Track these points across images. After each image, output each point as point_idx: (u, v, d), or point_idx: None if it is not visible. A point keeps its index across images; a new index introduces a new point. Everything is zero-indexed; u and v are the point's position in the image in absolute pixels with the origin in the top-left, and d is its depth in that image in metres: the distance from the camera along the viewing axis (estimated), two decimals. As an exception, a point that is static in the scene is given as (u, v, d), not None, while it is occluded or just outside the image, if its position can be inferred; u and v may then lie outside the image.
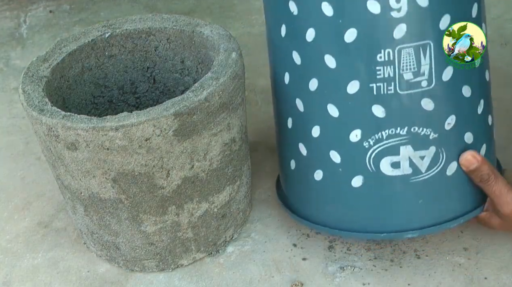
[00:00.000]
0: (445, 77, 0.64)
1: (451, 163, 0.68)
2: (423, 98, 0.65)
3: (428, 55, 0.63)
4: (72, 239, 0.85)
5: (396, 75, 0.63)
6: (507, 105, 0.98)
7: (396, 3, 0.61)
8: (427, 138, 0.66)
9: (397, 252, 0.78)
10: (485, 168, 0.68)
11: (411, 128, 0.66)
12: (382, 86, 0.64)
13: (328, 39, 0.65)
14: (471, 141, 0.68)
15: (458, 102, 0.66)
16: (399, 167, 0.67)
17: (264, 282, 0.76)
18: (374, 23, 0.62)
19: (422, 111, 0.65)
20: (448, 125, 0.66)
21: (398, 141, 0.66)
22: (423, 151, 0.67)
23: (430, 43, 0.63)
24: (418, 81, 0.64)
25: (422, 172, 0.67)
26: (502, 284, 0.72)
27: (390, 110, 0.65)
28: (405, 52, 0.63)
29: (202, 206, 0.75)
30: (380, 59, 0.63)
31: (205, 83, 0.69)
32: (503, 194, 0.68)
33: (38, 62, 0.77)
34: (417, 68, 0.63)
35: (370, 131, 0.66)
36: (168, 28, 0.82)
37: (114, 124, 0.64)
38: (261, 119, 1.03)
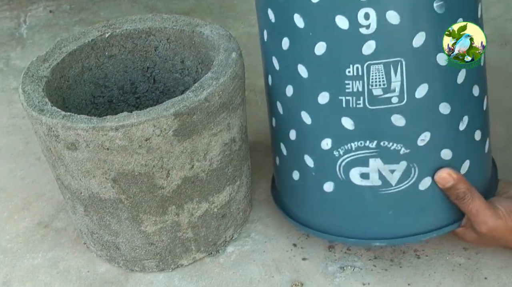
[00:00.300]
0: (418, 94, 0.64)
1: (424, 179, 0.68)
2: (394, 114, 0.64)
3: (400, 72, 0.62)
4: (72, 239, 0.85)
5: (365, 90, 0.63)
6: (507, 105, 0.98)
7: (365, 19, 0.60)
8: (398, 153, 0.66)
9: (397, 252, 0.78)
10: (461, 186, 0.67)
11: (381, 142, 0.66)
12: (351, 99, 0.64)
13: (300, 49, 0.65)
14: (449, 158, 0.67)
15: (434, 119, 0.65)
16: (368, 178, 0.68)
17: (264, 282, 0.76)
18: (342, 38, 0.62)
19: (392, 127, 0.65)
20: (421, 141, 0.66)
21: (367, 154, 0.66)
22: (393, 165, 0.67)
23: (401, 60, 0.62)
24: (388, 97, 0.63)
25: (392, 185, 0.68)
26: (502, 284, 0.72)
27: (359, 123, 0.65)
28: (374, 68, 0.62)
29: (202, 206, 0.75)
30: (348, 74, 0.63)
31: (205, 83, 0.69)
32: (480, 213, 0.68)
33: (38, 62, 0.77)
34: (387, 84, 0.63)
35: (339, 141, 0.67)
36: (168, 28, 0.82)
37: (114, 124, 0.64)
38: (261, 119, 1.03)
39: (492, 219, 0.67)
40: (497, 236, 0.68)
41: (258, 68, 1.02)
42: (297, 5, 0.63)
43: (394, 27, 0.61)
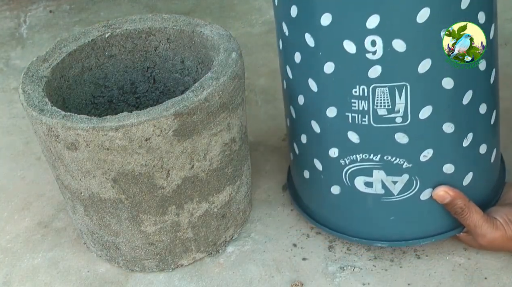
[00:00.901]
0: (422, 116, 0.66)
1: (425, 190, 0.70)
2: (397, 133, 0.67)
3: (404, 95, 0.64)
4: (72, 239, 0.85)
5: (370, 110, 0.66)
6: (507, 105, 0.97)
7: (371, 46, 0.62)
8: (400, 167, 0.69)
9: (397, 252, 0.78)
10: (458, 202, 0.70)
11: (384, 156, 0.68)
12: (357, 116, 0.67)
13: (310, 65, 0.68)
14: (451, 171, 0.70)
15: (437, 138, 0.67)
16: (372, 187, 0.71)
17: (264, 282, 0.76)
18: (349, 61, 0.64)
19: (395, 143, 0.67)
20: (424, 157, 0.68)
21: (371, 165, 0.70)
22: (395, 177, 0.70)
23: (406, 84, 0.64)
24: (392, 117, 0.66)
25: (394, 194, 0.71)
26: (502, 284, 0.72)
27: (364, 138, 0.68)
28: (379, 90, 0.65)
29: (202, 206, 0.75)
30: (355, 93, 0.65)
31: (205, 83, 0.69)
32: (478, 227, 0.70)
33: (38, 62, 0.77)
34: (392, 105, 0.65)
35: (345, 152, 0.70)
36: (168, 28, 0.82)
37: (114, 124, 0.64)
38: (261, 119, 1.03)
39: (490, 231, 0.70)
40: (497, 246, 0.71)
41: (258, 68, 1.02)
42: (307, 26, 0.65)
43: (400, 54, 0.62)
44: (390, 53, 0.62)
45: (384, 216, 0.73)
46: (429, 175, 0.70)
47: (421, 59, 0.63)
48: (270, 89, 1.09)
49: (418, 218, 0.73)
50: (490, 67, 0.69)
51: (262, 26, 1.32)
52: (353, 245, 0.79)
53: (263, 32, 1.29)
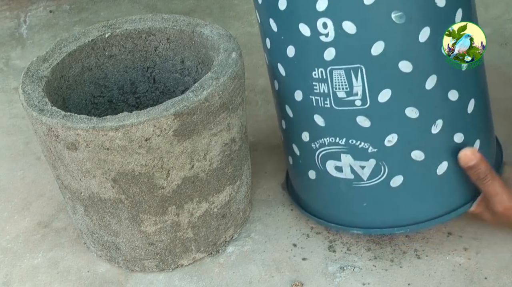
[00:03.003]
0: (381, 99, 0.66)
1: (395, 176, 0.70)
2: (358, 116, 0.67)
3: (360, 77, 0.65)
4: (72, 239, 0.85)
5: (330, 92, 0.67)
6: (507, 105, 0.98)
7: (323, 28, 0.64)
8: (366, 151, 0.69)
9: (397, 252, 0.78)
10: (482, 166, 0.69)
11: (349, 140, 0.69)
12: (320, 99, 0.68)
13: (277, 50, 0.70)
14: (421, 159, 0.69)
15: (401, 123, 0.67)
16: (342, 171, 0.72)
17: (264, 282, 0.76)
18: (306, 44, 0.66)
19: (358, 127, 0.68)
20: (388, 142, 0.68)
21: (339, 149, 0.70)
22: (362, 162, 0.70)
23: (361, 67, 0.64)
24: (351, 100, 0.66)
25: (363, 179, 0.71)
26: (502, 284, 0.72)
27: (328, 121, 0.69)
28: (336, 73, 0.66)
29: (202, 206, 0.75)
30: (315, 76, 0.67)
31: (205, 83, 0.69)
32: (498, 194, 0.70)
33: (38, 62, 0.77)
34: (350, 88, 0.66)
35: (315, 135, 0.71)
36: (168, 28, 0.82)
37: (114, 124, 0.64)
38: (261, 119, 1.03)
39: (509, 199, 0.69)
40: (510, 216, 0.71)
41: (258, 68, 1.02)
42: (270, 11, 0.68)
43: (351, 36, 0.63)
44: (342, 35, 0.63)
45: (357, 202, 0.74)
46: (396, 161, 0.69)
47: (373, 42, 0.63)
48: (270, 89, 1.09)
49: (391, 205, 0.73)
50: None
51: (262, 26, 1.31)
52: (353, 245, 0.79)
53: (263, 32, 1.29)
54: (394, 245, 0.78)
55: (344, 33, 0.63)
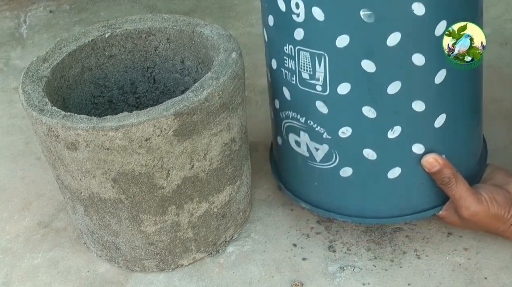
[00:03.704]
0: (340, 91, 0.66)
1: (345, 167, 0.71)
2: (318, 100, 0.68)
3: (323, 65, 0.66)
4: (72, 239, 0.85)
5: (296, 70, 0.69)
6: (507, 105, 0.98)
7: (296, 8, 0.65)
8: (321, 135, 0.71)
9: (397, 252, 0.78)
10: (446, 171, 0.69)
11: (308, 120, 0.71)
12: (288, 74, 0.70)
13: (263, 16, 0.73)
14: (373, 158, 0.69)
15: (356, 118, 0.67)
16: (300, 147, 0.74)
17: (264, 282, 0.76)
18: (281, 18, 0.68)
19: (316, 111, 0.69)
20: (342, 133, 0.69)
21: (299, 126, 0.72)
22: (317, 144, 0.72)
23: (325, 55, 0.65)
24: (313, 83, 0.68)
25: (316, 161, 0.73)
26: (502, 284, 0.72)
27: (293, 97, 0.71)
28: (302, 54, 0.67)
29: (202, 206, 0.75)
30: (286, 51, 0.69)
31: (205, 83, 0.69)
32: (463, 199, 0.70)
33: (38, 62, 0.77)
34: (313, 72, 0.67)
35: (282, 106, 0.74)
36: (168, 28, 0.82)
37: (114, 124, 0.64)
38: (261, 119, 1.03)
39: (475, 204, 0.70)
40: (478, 221, 0.71)
41: (258, 68, 1.02)
42: None
43: (318, 23, 0.64)
44: (311, 19, 0.64)
45: (309, 179, 0.76)
46: (348, 154, 0.70)
47: (339, 34, 0.63)
48: (270, 89, 1.09)
49: (338, 192, 0.74)
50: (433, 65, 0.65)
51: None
52: (353, 245, 0.79)
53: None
54: (394, 245, 0.78)
55: (313, 17, 0.64)
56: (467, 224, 0.73)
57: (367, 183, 0.72)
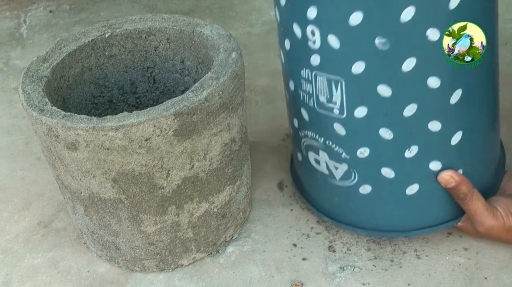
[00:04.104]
0: (357, 114, 0.67)
1: (364, 185, 0.72)
2: (335, 123, 0.69)
3: (340, 90, 0.66)
4: (72, 239, 0.85)
5: (313, 94, 0.69)
6: (507, 105, 0.97)
7: (312, 35, 0.65)
8: (340, 155, 0.71)
9: (397, 252, 0.78)
10: (462, 187, 0.70)
11: (326, 140, 0.72)
12: (306, 96, 0.71)
13: (279, 38, 0.73)
14: (391, 177, 0.70)
15: (374, 140, 0.68)
16: (320, 165, 0.75)
17: (264, 282, 0.76)
18: (297, 44, 0.68)
19: (334, 132, 0.70)
20: (360, 153, 0.70)
21: (317, 145, 0.73)
22: (336, 163, 0.73)
23: (341, 80, 0.65)
24: (330, 107, 0.68)
25: (336, 178, 0.74)
26: (502, 284, 0.72)
27: (310, 118, 0.72)
28: (319, 78, 0.68)
29: (202, 206, 0.75)
30: (303, 75, 0.69)
31: (205, 83, 0.69)
32: (478, 214, 0.71)
33: (38, 62, 0.77)
34: (330, 96, 0.68)
35: (301, 126, 0.75)
36: (168, 28, 0.82)
37: (114, 124, 0.64)
38: (261, 119, 1.03)
39: (490, 219, 0.71)
40: (493, 235, 0.73)
41: (258, 68, 1.02)
42: (274, 2, 0.71)
43: (334, 50, 0.64)
44: (327, 46, 0.65)
45: (329, 195, 0.77)
46: (366, 172, 0.71)
47: (355, 60, 0.64)
48: (270, 89, 1.09)
49: (358, 208, 0.76)
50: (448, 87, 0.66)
51: (262, 26, 1.32)
52: (353, 245, 0.79)
53: (263, 32, 1.29)
54: (394, 245, 0.78)
55: (328, 45, 0.64)
56: (483, 237, 0.74)
57: (386, 200, 0.73)
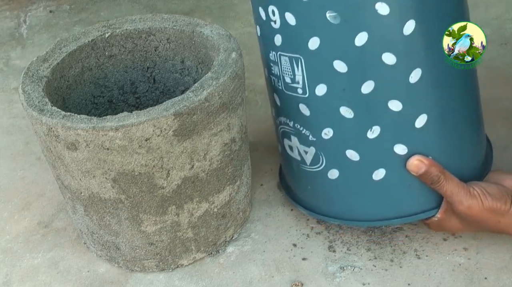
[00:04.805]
0: (318, 92, 0.68)
1: (331, 169, 0.72)
2: (300, 103, 0.70)
3: (300, 68, 0.67)
4: (72, 239, 0.85)
5: (280, 75, 0.71)
6: (507, 105, 0.98)
7: (272, 15, 0.68)
8: (307, 138, 0.72)
9: (397, 252, 0.78)
10: (433, 170, 0.69)
11: (295, 124, 0.72)
12: (275, 80, 0.72)
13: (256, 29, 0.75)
14: (356, 159, 0.70)
15: (336, 119, 0.68)
16: (293, 151, 0.75)
17: (264, 282, 0.76)
18: (264, 27, 0.71)
19: (300, 114, 0.71)
20: (325, 135, 0.70)
21: (289, 130, 0.74)
22: (305, 147, 0.73)
23: (301, 58, 0.67)
24: (295, 87, 0.70)
25: (307, 164, 0.74)
26: (502, 284, 0.72)
27: (281, 102, 0.74)
28: (283, 58, 0.69)
29: (202, 206, 0.75)
30: (271, 58, 0.71)
31: (205, 83, 0.69)
32: (454, 194, 0.69)
33: (38, 62, 0.77)
34: (293, 75, 0.69)
35: (276, 112, 0.76)
36: (168, 28, 0.82)
37: (114, 124, 0.64)
38: (261, 119, 1.03)
39: (468, 198, 0.69)
40: (475, 216, 0.70)
41: (258, 68, 1.02)
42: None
43: (291, 27, 0.66)
44: (285, 24, 0.66)
45: (303, 183, 0.77)
46: (332, 155, 0.71)
47: (310, 36, 0.65)
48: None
49: (328, 195, 0.75)
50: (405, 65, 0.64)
51: (262, 26, 1.31)
52: (353, 245, 0.79)
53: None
54: (394, 245, 0.78)
55: (286, 23, 0.66)
56: (468, 224, 0.72)
57: (354, 185, 0.72)
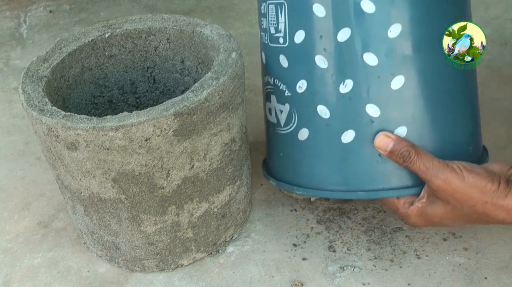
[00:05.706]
0: (297, 39, 0.67)
1: (302, 129, 0.70)
2: (280, 54, 0.69)
3: (284, 14, 0.67)
4: (72, 239, 0.85)
5: (267, 28, 0.71)
6: (507, 105, 0.98)
7: None
8: (284, 94, 0.71)
9: (397, 252, 0.78)
10: (402, 145, 0.63)
11: (274, 79, 0.72)
12: (263, 35, 0.72)
13: None
14: (326, 116, 0.66)
15: (311, 69, 0.67)
16: (271, 114, 0.74)
17: (264, 282, 0.76)
18: None
19: (280, 66, 0.70)
20: (299, 88, 0.69)
21: (270, 89, 0.73)
22: (281, 106, 0.71)
23: (284, 3, 0.67)
24: (277, 37, 0.69)
25: (281, 125, 0.72)
26: (502, 284, 0.72)
27: (266, 58, 0.73)
28: (270, 7, 0.69)
29: (202, 206, 0.75)
30: (262, 11, 0.71)
31: (205, 83, 0.69)
32: (429, 169, 0.63)
33: (38, 62, 0.77)
34: (277, 24, 0.69)
35: (263, 73, 0.76)
36: (168, 28, 0.82)
37: (114, 124, 0.64)
38: (261, 119, 1.03)
39: (443, 170, 0.63)
40: (456, 192, 0.63)
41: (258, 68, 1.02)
42: None
43: None
44: None
45: (276, 150, 0.74)
46: (304, 112, 0.68)
47: None
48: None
49: (296, 160, 0.71)
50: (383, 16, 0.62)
51: (262, 26, 1.32)
52: (353, 245, 0.79)
53: (263, 32, 1.29)
54: (394, 245, 0.79)
55: None
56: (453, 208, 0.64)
57: (321, 146, 0.68)
